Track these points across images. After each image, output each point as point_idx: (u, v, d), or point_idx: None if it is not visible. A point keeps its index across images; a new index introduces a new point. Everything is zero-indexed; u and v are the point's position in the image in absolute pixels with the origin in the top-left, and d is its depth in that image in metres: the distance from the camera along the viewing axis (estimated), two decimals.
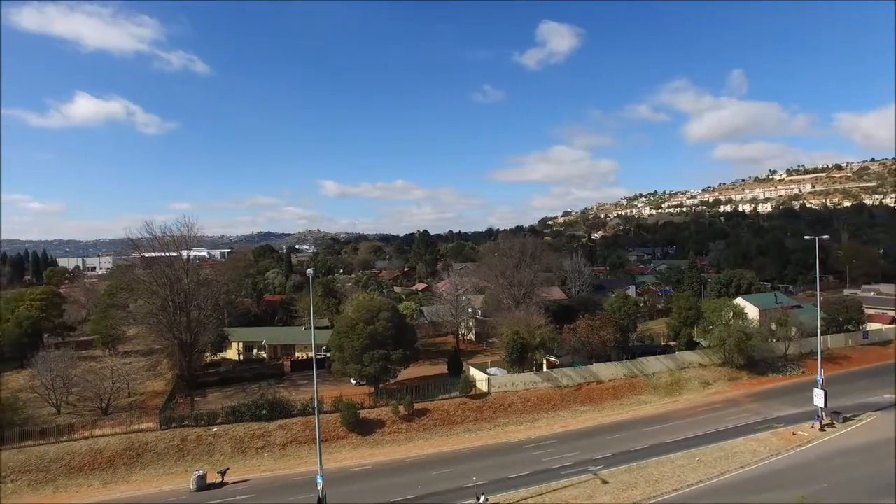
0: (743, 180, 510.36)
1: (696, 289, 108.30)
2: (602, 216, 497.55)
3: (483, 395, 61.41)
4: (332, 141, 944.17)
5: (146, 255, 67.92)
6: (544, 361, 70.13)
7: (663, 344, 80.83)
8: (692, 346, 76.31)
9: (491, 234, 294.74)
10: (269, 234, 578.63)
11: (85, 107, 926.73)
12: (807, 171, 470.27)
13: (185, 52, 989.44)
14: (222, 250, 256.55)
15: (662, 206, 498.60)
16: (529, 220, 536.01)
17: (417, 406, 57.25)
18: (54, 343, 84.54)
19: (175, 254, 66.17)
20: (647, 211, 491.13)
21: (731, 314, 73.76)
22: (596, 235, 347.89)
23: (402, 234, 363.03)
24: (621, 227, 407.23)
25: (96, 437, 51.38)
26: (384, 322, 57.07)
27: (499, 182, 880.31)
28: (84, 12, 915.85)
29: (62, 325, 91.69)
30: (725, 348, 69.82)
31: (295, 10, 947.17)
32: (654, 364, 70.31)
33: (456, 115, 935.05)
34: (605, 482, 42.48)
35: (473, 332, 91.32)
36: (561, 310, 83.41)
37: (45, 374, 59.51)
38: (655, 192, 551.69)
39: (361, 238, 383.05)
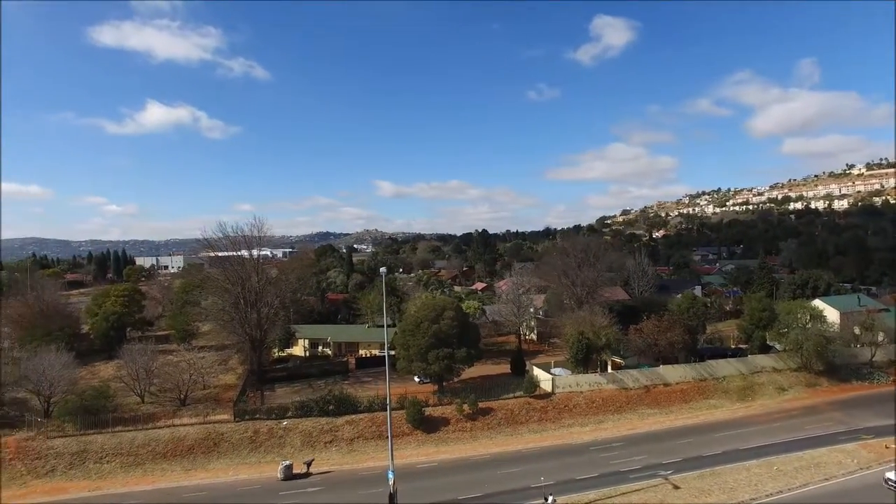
0: (816, 176, 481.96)
1: (767, 290, 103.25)
2: (663, 215, 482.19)
3: (547, 396, 60.89)
4: (388, 141, 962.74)
5: (219, 254, 70.95)
6: (609, 362, 68.80)
7: (733, 347, 77.72)
8: (765, 349, 72.93)
9: (549, 233, 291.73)
10: (327, 234, 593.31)
11: (155, 114, 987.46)
12: (890, 165, 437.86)
13: (245, 59, 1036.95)
14: (284, 250, 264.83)
15: (727, 203, 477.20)
16: (587, 219, 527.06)
17: (481, 405, 57.45)
18: (135, 337, 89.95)
19: (245, 253, 68.83)
20: (710, 209, 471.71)
21: (809, 317, 70.04)
22: (657, 234, 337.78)
23: (458, 234, 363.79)
24: (683, 225, 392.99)
25: (177, 426, 54.37)
26: (449, 321, 57.53)
27: (555, 181, 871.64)
28: (155, 27, 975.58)
29: (142, 320, 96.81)
30: (803, 352, 66.32)
31: (348, 12, 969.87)
32: (725, 367, 67.62)
33: (511, 114, 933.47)
34: (676, 487, 41.32)
35: (535, 331, 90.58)
36: (625, 310, 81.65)
37: (130, 365, 63.37)
38: (719, 189, 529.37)
39: (419, 237, 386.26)
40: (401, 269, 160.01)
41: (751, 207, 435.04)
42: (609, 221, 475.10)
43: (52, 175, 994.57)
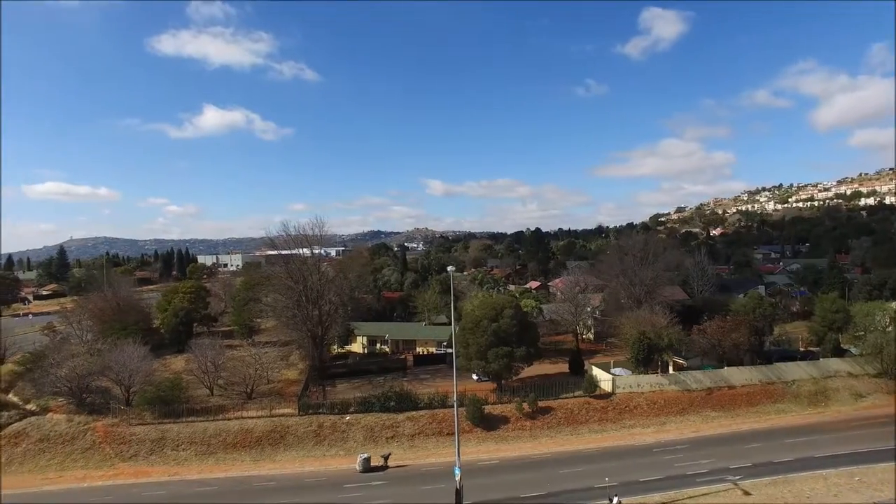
0: (891, 169, 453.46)
1: (839, 290, 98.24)
2: (720, 212, 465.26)
3: (607, 396, 60.15)
4: (436, 141, 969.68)
5: (279, 252, 73.39)
6: (670, 363, 67.25)
7: (802, 349, 74.46)
8: (839, 352, 69.49)
9: (601, 231, 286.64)
10: (378, 233, 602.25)
11: (212, 118, 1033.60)
12: None
13: (295, 62, 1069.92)
14: (336, 248, 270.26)
15: (789, 200, 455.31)
16: (638, 216, 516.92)
17: (541, 404, 57.36)
18: (202, 332, 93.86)
19: (307, 251, 70.94)
20: (770, 206, 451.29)
21: (889, 319, 66.31)
22: (714, 232, 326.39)
23: (508, 232, 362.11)
24: (742, 223, 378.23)
25: (245, 418, 56.64)
26: (508, 319, 57.62)
27: (605, 178, 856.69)
28: (209, 34, 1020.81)
29: (207, 316, 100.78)
30: (883, 357, 62.80)
31: (394, 12, 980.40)
32: (794, 370, 64.92)
33: (559, 111, 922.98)
34: (747, 493, 40.06)
35: (592, 330, 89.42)
36: (685, 310, 79.67)
37: (200, 358, 66.12)
38: (780, 185, 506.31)
39: (470, 236, 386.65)
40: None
41: (816, 204, 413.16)
42: (663, 219, 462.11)
43: (120, 178, 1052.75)
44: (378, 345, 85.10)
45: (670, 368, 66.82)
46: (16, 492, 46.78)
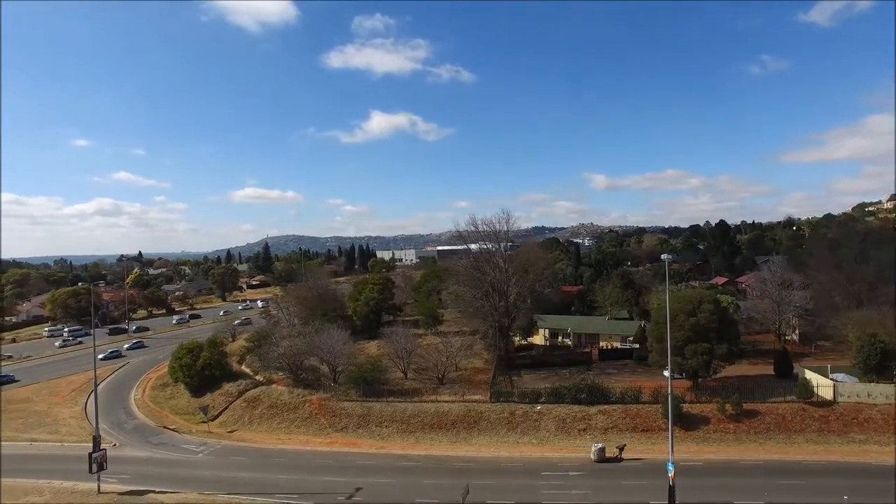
0: None
1: None
2: None
3: (827, 404, 53.19)
4: (598, 133, 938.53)
5: (468, 245, 76.31)
6: None
7: None
8: None
9: (791, 223, 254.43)
10: (542, 229, 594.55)
11: (378, 122, 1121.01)
12: None
13: (451, 65, 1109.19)
14: (503, 243, 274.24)
15: None
16: (834, 206, 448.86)
17: (745, 407, 52.68)
18: (388, 320, 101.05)
19: (493, 245, 73.07)
20: None
21: None
22: None
23: (676, 226, 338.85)
24: None
25: (439, 401, 60.03)
26: (707, 314, 53.78)
27: (790, 165, 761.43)
28: (371, 46, 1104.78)
29: (393, 306, 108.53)
30: None
31: (544, 9, 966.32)
32: None
33: (729, 93, 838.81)
34: None
35: (797, 331, 79.86)
36: None
37: (394, 344, 71.18)
38: None
39: (640, 230, 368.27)
40: (629, 263, 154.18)
41: None
42: (872, 208, 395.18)
43: (303, 182, 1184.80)
44: (560, 338, 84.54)
45: None
46: (261, 446, 55.47)
